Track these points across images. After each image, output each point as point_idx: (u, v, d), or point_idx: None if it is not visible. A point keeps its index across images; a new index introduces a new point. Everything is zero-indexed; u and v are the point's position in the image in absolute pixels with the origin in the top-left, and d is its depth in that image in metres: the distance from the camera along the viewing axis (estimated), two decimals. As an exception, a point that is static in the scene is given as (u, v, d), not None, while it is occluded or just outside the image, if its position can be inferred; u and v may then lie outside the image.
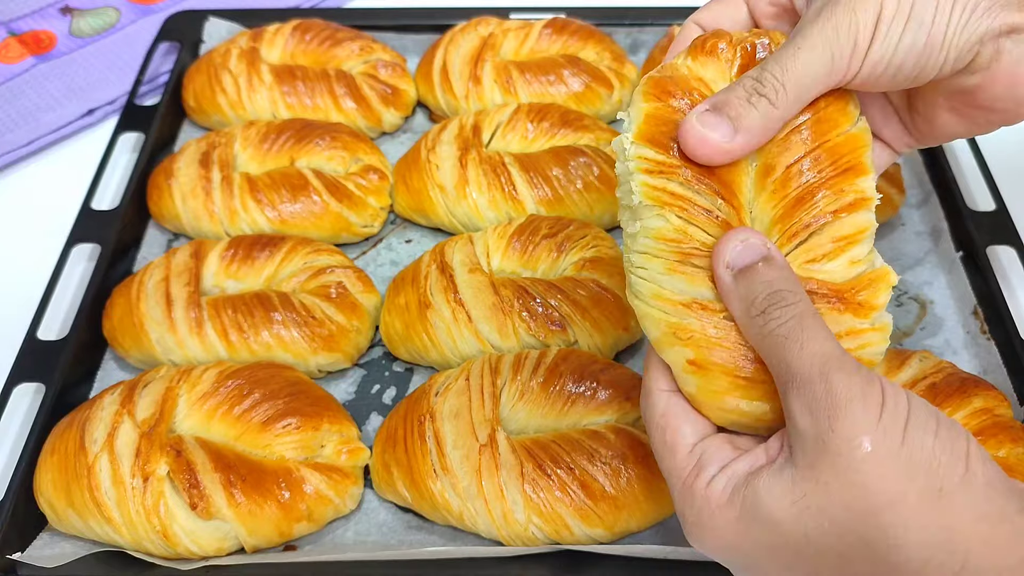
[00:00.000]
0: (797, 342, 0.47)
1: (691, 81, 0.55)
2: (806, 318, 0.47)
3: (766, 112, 0.51)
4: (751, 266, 0.49)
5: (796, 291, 0.49)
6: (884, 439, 0.43)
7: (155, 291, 0.83)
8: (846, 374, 0.45)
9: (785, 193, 0.53)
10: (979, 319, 0.86)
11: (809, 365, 0.46)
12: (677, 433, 0.52)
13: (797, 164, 0.53)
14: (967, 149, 0.98)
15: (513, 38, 1.08)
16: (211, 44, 1.14)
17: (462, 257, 0.85)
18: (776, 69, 0.52)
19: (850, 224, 0.52)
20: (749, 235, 0.50)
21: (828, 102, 0.54)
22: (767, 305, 0.48)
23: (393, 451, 0.74)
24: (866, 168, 0.53)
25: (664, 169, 0.52)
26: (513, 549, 0.70)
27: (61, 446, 0.73)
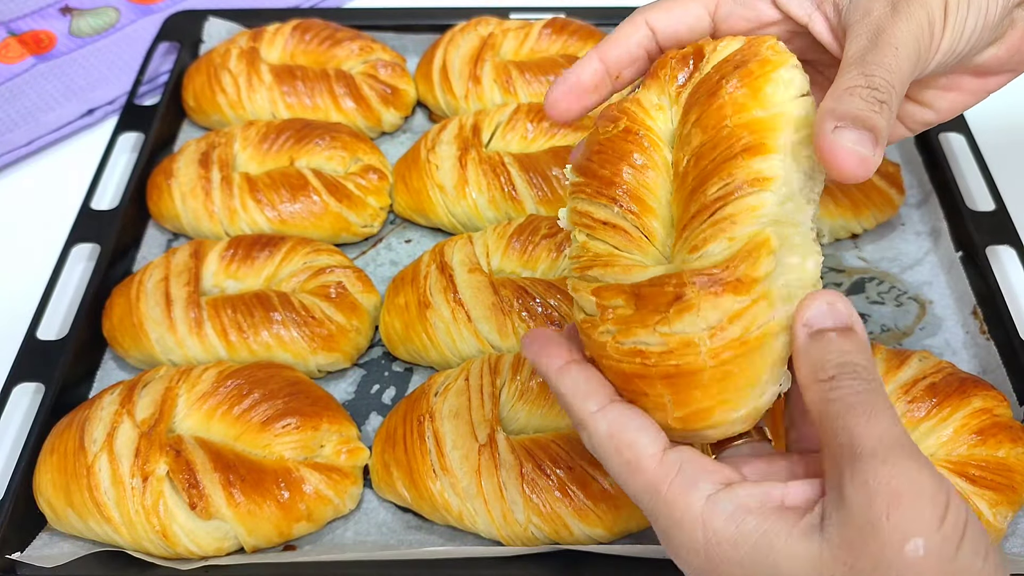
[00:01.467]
0: (865, 414, 0.43)
1: (625, 103, 0.54)
2: (878, 395, 0.44)
3: (888, 117, 0.48)
4: (829, 330, 0.46)
5: (871, 369, 0.45)
6: (940, 547, 0.40)
7: (155, 291, 0.84)
8: (917, 465, 0.41)
9: (684, 185, 0.50)
10: (979, 319, 0.86)
11: (878, 440, 0.42)
12: (635, 446, 0.48)
13: (694, 154, 0.50)
14: (966, 149, 0.98)
15: (513, 38, 1.08)
16: (211, 44, 1.14)
17: (462, 257, 0.85)
18: (885, 73, 0.48)
19: (737, 206, 0.47)
20: (837, 300, 0.46)
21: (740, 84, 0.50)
22: (838, 372, 0.44)
23: (392, 451, 0.74)
24: (768, 148, 0.48)
25: (575, 189, 0.54)
26: (512, 549, 0.70)
27: (60, 446, 0.73)
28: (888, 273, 0.92)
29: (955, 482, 0.68)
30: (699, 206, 0.48)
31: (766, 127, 0.48)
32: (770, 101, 0.49)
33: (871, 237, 0.95)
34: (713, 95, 0.50)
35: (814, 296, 0.47)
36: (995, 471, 0.69)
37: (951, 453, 0.71)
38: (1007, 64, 0.57)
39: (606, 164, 0.53)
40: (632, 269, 0.50)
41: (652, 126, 0.53)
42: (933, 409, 0.72)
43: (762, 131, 0.48)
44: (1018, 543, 0.72)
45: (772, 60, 0.50)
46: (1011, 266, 0.90)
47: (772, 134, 0.48)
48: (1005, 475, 0.69)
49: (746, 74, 0.50)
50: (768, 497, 0.45)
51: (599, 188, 0.52)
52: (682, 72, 0.53)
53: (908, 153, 1.02)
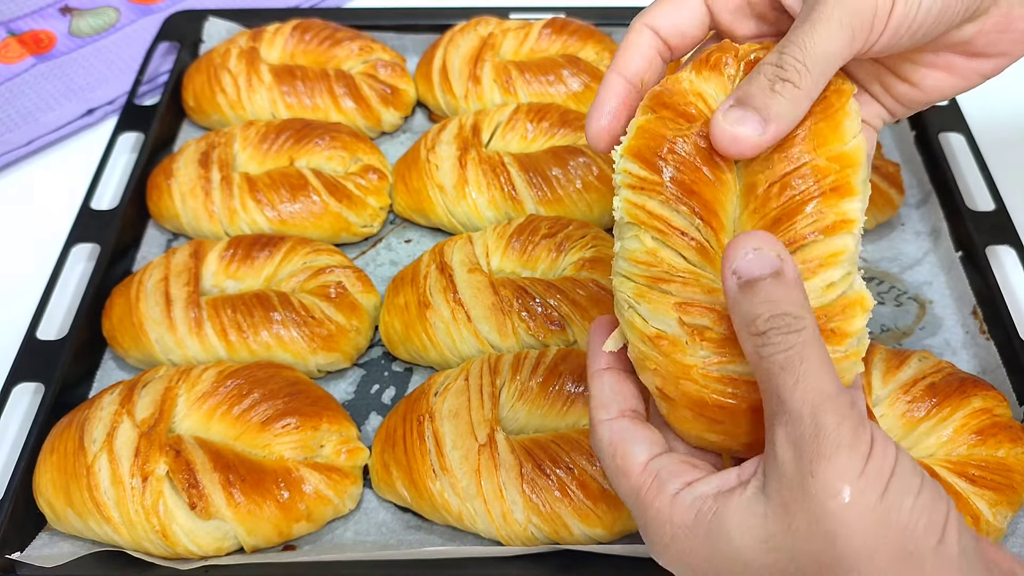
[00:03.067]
0: (793, 375, 0.44)
1: (689, 95, 0.53)
2: (807, 348, 0.44)
3: (793, 96, 0.49)
4: (759, 279, 0.45)
5: (802, 315, 0.45)
6: (864, 492, 0.41)
7: (154, 291, 0.84)
8: (838, 417, 0.42)
9: (765, 212, 0.50)
10: (978, 319, 0.86)
11: (801, 402, 0.43)
12: (628, 455, 0.51)
13: (779, 182, 0.50)
14: (966, 149, 0.98)
15: (513, 38, 1.08)
16: (211, 44, 1.14)
17: (461, 257, 0.85)
18: (795, 50, 0.49)
19: (826, 247, 0.49)
20: (763, 243, 0.46)
21: (820, 116, 0.51)
22: (768, 328, 0.45)
23: (392, 451, 0.74)
24: (853, 189, 0.50)
25: (645, 186, 0.50)
26: (512, 549, 0.70)
27: (60, 446, 0.73)
28: (888, 273, 0.92)
29: (955, 482, 0.68)
30: (787, 239, 0.49)
31: (849, 163, 0.50)
32: (847, 134, 0.51)
33: (871, 237, 0.95)
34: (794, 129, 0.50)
35: (741, 241, 0.47)
36: (995, 471, 0.69)
37: (951, 453, 0.71)
38: (996, 44, 0.55)
39: (683, 170, 0.50)
40: (715, 291, 0.49)
41: None
42: (933, 409, 0.72)
43: (845, 168, 0.50)
44: (1018, 543, 0.72)
45: (844, 89, 0.52)
46: (1011, 266, 0.90)
47: (854, 172, 0.50)
48: (1005, 475, 0.69)
49: (826, 107, 0.51)
50: (724, 481, 0.47)
51: (679, 194, 0.50)
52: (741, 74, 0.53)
53: (908, 153, 1.02)
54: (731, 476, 0.47)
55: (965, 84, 0.58)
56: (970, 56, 0.56)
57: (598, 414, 0.54)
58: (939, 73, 0.57)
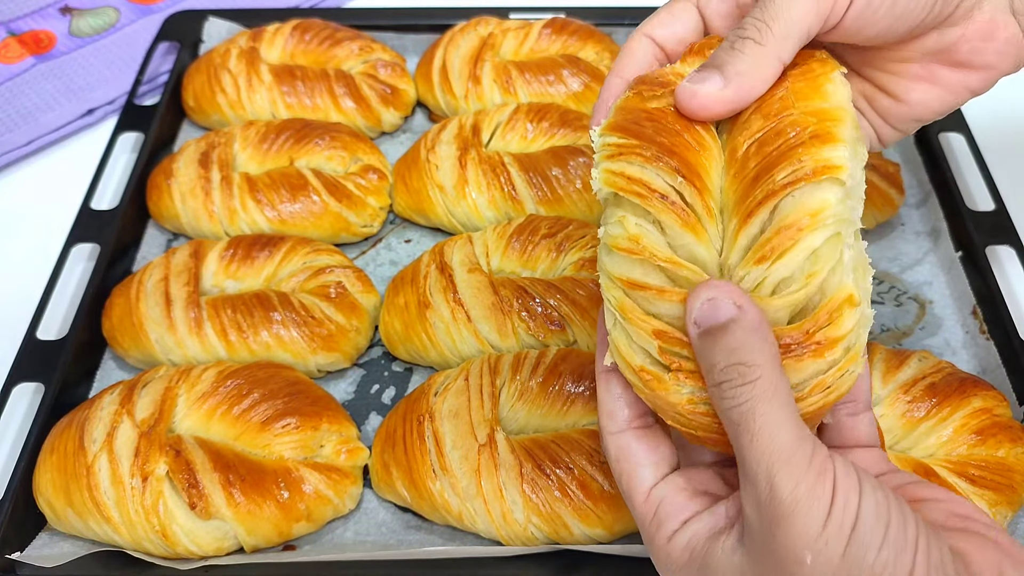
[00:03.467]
0: (748, 432, 0.44)
1: (669, 75, 0.53)
2: (760, 401, 0.44)
3: (753, 52, 0.49)
4: (714, 329, 0.45)
5: (757, 364, 0.44)
6: (823, 552, 0.42)
7: (154, 291, 0.84)
8: (793, 480, 0.42)
9: (745, 174, 0.47)
10: (978, 319, 0.86)
11: (756, 463, 0.43)
12: (633, 478, 0.52)
13: (756, 140, 0.48)
14: (966, 149, 0.98)
15: (513, 38, 1.08)
16: (211, 44, 1.14)
17: (461, 257, 0.85)
18: (757, 11, 0.50)
19: (806, 202, 0.45)
20: (717, 292, 0.45)
21: (800, 78, 0.50)
22: (723, 380, 0.45)
23: (392, 451, 0.74)
24: (835, 137, 0.46)
25: (624, 151, 0.48)
26: (512, 549, 0.70)
27: (60, 446, 0.73)
28: (888, 273, 0.92)
29: (955, 482, 0.68)
30: (765, 192, 0.46)
31: (832, 117, 0.47)
32: (832, 96, 0.49)
33: (871, 237, 0.95)
34: (774, 86, 0.50)
35: (698, 290, 0.46)
36: (995, 471, 0.69)
37: (951, 453, 0.71)
38: (981, 54, 0.55)
39: (662, 133, 0.49)
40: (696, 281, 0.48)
41: None
42: (933, 409, 0.72)
43: (828, 120, 0.47)
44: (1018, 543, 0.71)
45: (827, 60, 0.51)
46: (1011, 266, 0.90)
47: (838, 124, 0.47)
48: (1005, 475, 0.69)
49: (806, 71, 0.50)
50: (716, 520, 0.49)
51: (658, 153, 0.48)
52: None
53: (908, 153, 1.02)
54: (721, 516, 0.49)
55: (952, 99, 0.57)
56: (955, 67, 0.55)
57: (604, 423, 0.54)
58: (924, 85, 0.57)
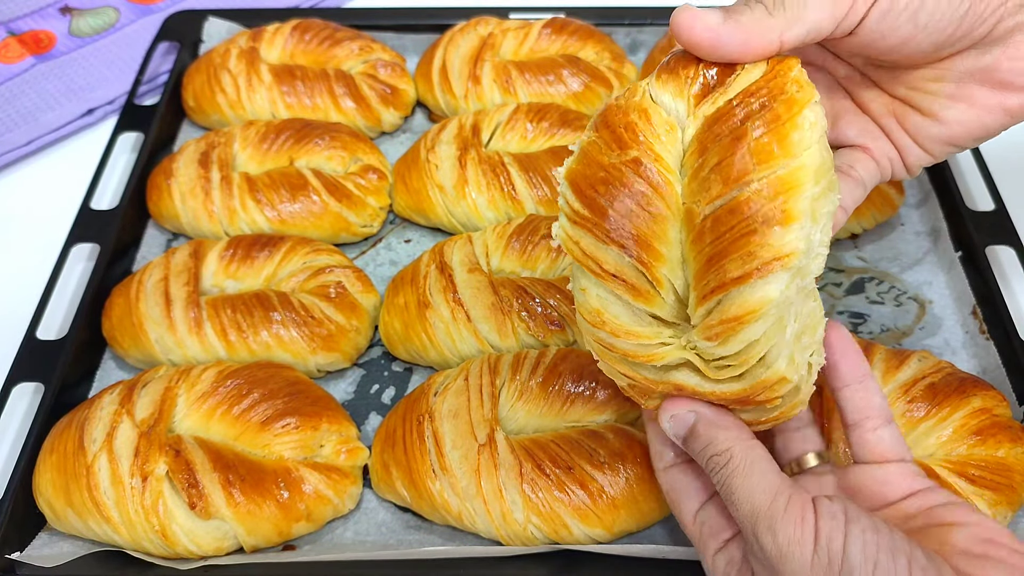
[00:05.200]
0: (733, 505, 0.52)
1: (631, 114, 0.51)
2: (735, 476, 0.52)
3: (760, 16, 0.49)
4: (687, 435, 0.55)
5: (726, 450, 0.53)
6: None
7: (154, 291, 0.84)
8: (772, 529, 0.49)
9: (701, 248, 0.49)
10: (978, 319, 0.86)
11: (743, 525, 0.52)
12: (681, 507, 0.60)
13: (711, 216, 0.48)
14: (966, 149, 0.98)
15: (512, 38, 1.08)
16: (210, 44, 1.14)
17: (461, 257, 0.85)
18: None
19: (751, 294, 0.47)
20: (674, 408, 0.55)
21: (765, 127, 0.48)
22: (709, 470, 0.54)
23: (392, 451, 0.74)
24: (790, 216, 0.46)
25: (578, 220, 0.51)
26: (512, 549, 0.70)
27: (60, 446, 0.73)
28: (888, 273, 0.92)
29: (955, 482, 0.68)
30: (718, 281, 0.48)
31: (791, 184, 0.47)
32: (795, 148, 0.48)
33: (871, 237, 0.95)
34: (737, 140, 0.48)
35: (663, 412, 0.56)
36: (994, 471, 0.69)
37: (950, 453, 0.71)
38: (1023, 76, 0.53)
39: (614, 200, 0.50)
40: (654, 356, 0.53)
41: (662, 154, 0.50)
42: (932, 409, 0.72)
43: (787, 191, 0.47)
44: (1017, 543, 0.72)
45: (797, 99, 0.48)
46: (1010, 266, 0.90)
47: (795, 195, 0.47)
48: (1004, 475, 0.69)
49: (773, 119, 0.48)
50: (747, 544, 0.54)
51: (608, 232, 0.50)
52: (704, 77, 0.51)
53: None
54: None
55: (990, 120, 0.56)
56: (994, 87, 0.54)
57: (654, 462, 0.63)
58: (960, 105, 0.56)
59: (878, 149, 0.60)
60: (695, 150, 0.50)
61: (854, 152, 0.61)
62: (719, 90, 0.50)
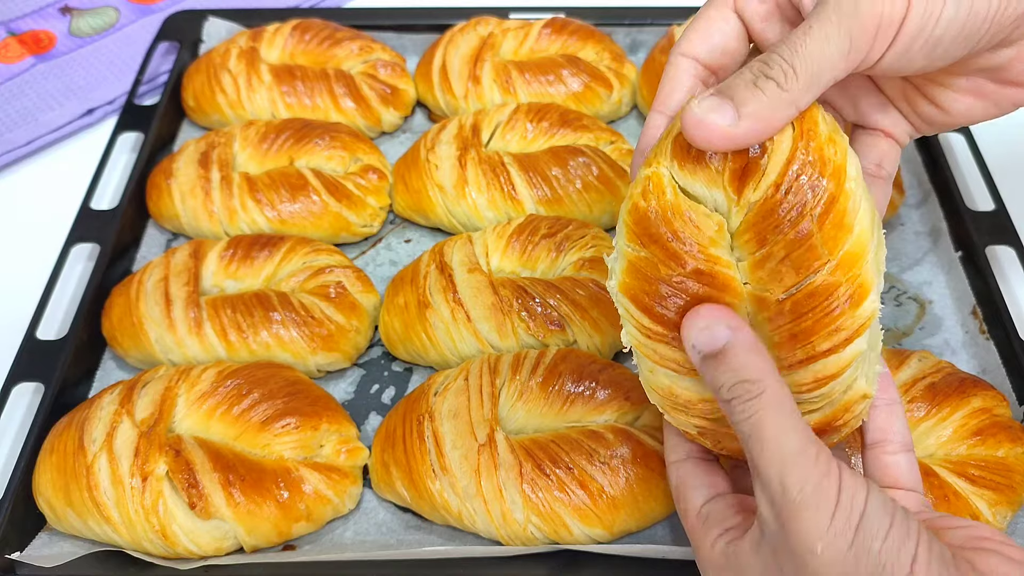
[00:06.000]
0: (758, 442, 0.48)
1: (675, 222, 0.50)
2: (767, 412, 0.48)
3: (774, 96, 0.46)
4: (716, 352, 0.49)
5: (760, 380, 0.48)
6: (833, 544, 0.46)
7: (154, 291, 0.84)
8: (801, 476, 0.46)
9: (779, 326, 0.51)
10: (978, 319, 0.86)
11: (768, 467, 0.47)
12: (687, 499, 0.58)
13: (790, 300, 0.49)
14: (966, 149, 0.98)
15: (512, 38, 1.08)
16: (210, 44, 1.14)
17: (461, 257, 0.85)
18: (784, 50, 0.47)
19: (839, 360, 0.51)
20: (711, 320, 0.49)
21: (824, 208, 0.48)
22: (731, 396, 0.49)
23: (392, 451, 0.74)
24: (866, 288, 0.49)
25: (652, 336, 0.54)
26: (512, 549, 0.70)
27: (60, 446, 0.73)
28: (888, 273, 0.91)
29: (955, 482, 0.68)
30: (806, 355, 0.51)
31: (856, 258, 0.49)
32: (854, 220, 0.48)
33: (871, 237, 0.95)
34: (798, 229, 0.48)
35: (690, 320, 0.50)
36: (994, 471, 0.69)
37: (950, 453, 0.71)
38: None
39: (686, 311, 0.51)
40: None
41: (719, 255, 0.50)
42: (932, 409, 0.72)
43: (855, 265, 0.49)
44: (1018, 543, 0.71)
45: (837, 163, 0.48)
46: (1010, 266, 0.90)
47: (863, 264, 0.49)
48: (1004, 475, 0.69)
49: (828, 201, 0.48)
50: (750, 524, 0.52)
51: None
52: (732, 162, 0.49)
53: (908, 153, 1.02)
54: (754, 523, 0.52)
55: (996, 111, 0.56)
56: (1003, 83, 0.54)
57: (668, 456, 0.61)
58: (969, 98, 0.55)
59: (898, 131, 0.59)
60: (752, 239, 0.49)
61: (877, 143, 0.59)
62: (756, 174, 0.48)
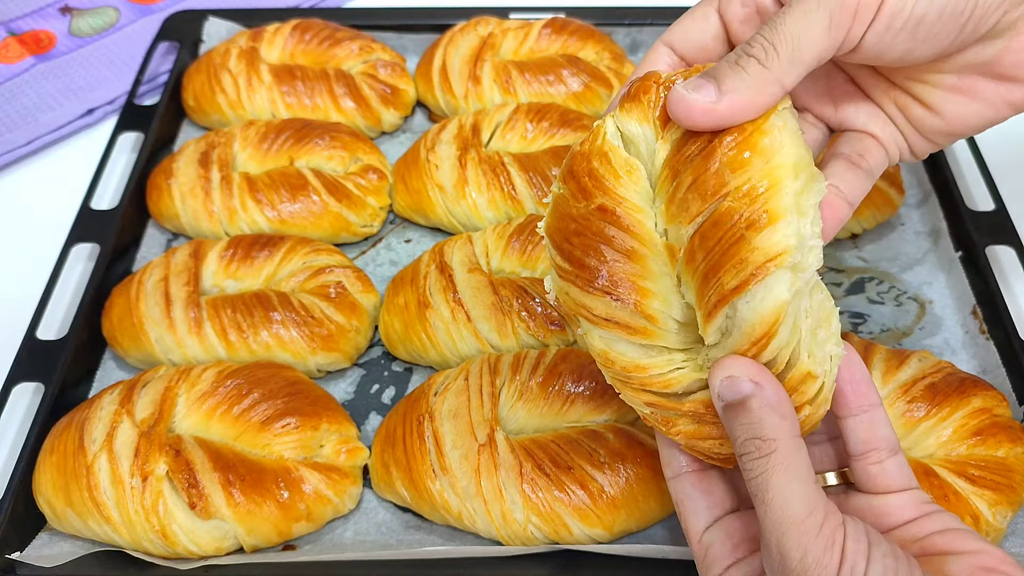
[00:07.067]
0: (763, 503, 0.47)
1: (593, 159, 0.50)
2: (774, 473, 0.47)
3: (756, 73, 0.47)
4: (736, 403, 0.48)
5: (773, 439, 0.48)
6: None
7: (154, 291, 0.84)
8: (801, 545, 0.46)
9: (694, 267, 0.49)
10: (978, 319, 0.86)
11: (769, 532, 0.47)
12: (688, 522, 0.57)
13: (698, 232, 0.48)
14: (966, 149, 0.98)
15: (512, 38, 1.08)
16: (211, 44, 1.14)
17: (461, 257, 0.85)
18: (766, 30, 0.48)
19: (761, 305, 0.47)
20: (735, 369, 0.48)
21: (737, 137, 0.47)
22: (743, 452, 0.49)
23: (392, 451, 0.74)
24: (773, 216, 0.46)
25: (563, 274, 0.52)
26: (512, 549, 0.70)
27: (60, 446, 0.73)
28: (888, 273, 0.92)
29: (954, 482, 0.68)
30: (718, 296, 0.48)
31: (769, 186, 0.46)
32: (767, 152, 0.47)
33: (871, 237, 0.95)
34: (708, 156, 0.48)
35: (718, 367, 0.49)
36: (994, 471, 0.69)
37: (950, 453, 0.71)
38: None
39: (590, 251, 0.51)
40: (670, 383, 0.52)
41: (626, 195, 0.50)
42: (932, 409, 0.72)
43: (766, 193, 0.46)
44: (1018, 543, 0.72)
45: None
46: (1011, 266, 0.90)
47: (776, 194, 0.46)
48: (1004, 475, 0.69)
49: (739, 131, 0.48)
50: (752, 571, 0.53)
51: (590, 280, 0.51)
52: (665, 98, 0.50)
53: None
54: (756, 568, 0.53)
55: (992, 114, 0.55)
56: (997, 79, 0.53)
57: (665, 471, 0.59)
58: (961, 98, 0.55)
59: (886, 136, 0.58)
60: (667, 175, 0.50)
61: (863, 139, 0.59)
62: None
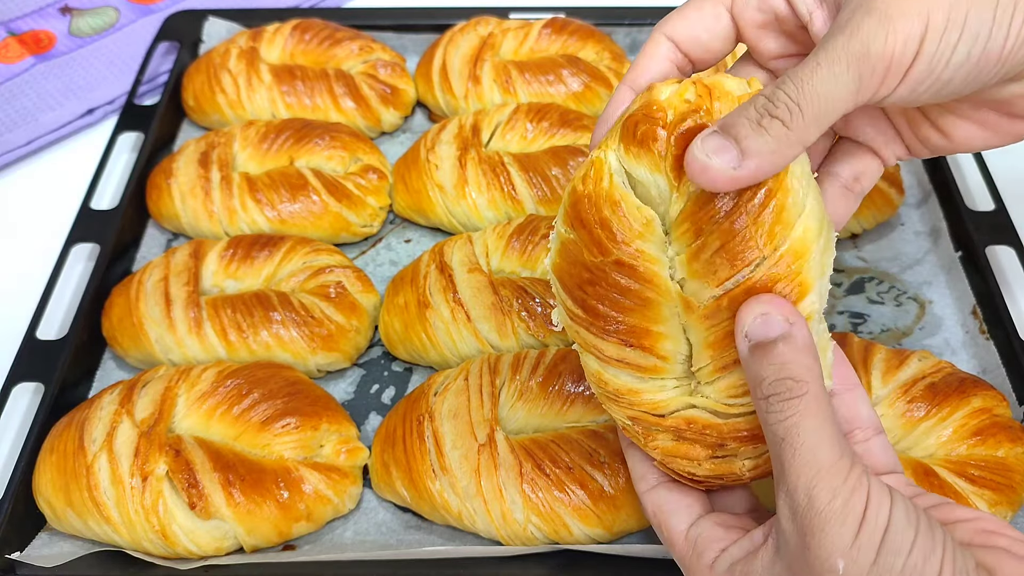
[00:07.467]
0: (791, 447, 0.46)
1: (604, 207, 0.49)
2: (806, 417, 0.46)
3: (779, 135, 0.45)
4: (766, 343, 0.47)
5: (804, 379, 0.46)
6: (856, 561, 0.44)
7: (154, 291, 0.84)
8: (830, 492, 0.44)
9: (716, 323, 0.49)
10: (978, 319, 0.86)
11: (797, 476, 0.45)
12: (669, 526, 0.56)
13: (726, 295, 0.48)
14: (966, 149, 0.98)
15: (512, 38, 1.08)
16: (210, 44, 1.14)
17: (461, 257, 0.85)
18: (791, 87, 0.46)
19: None
20: (770, 307, 0.47)
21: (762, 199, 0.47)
22: (771, 393, 0.47)
23: (392, 451, 0.74)
24: (805, 288, 0.48)
25: (574, 319, 0.53)
26: (512, 549, 0.70)
27: (60, 446, 0.73)
28: (888, 273, 0.92)
29: (954, 482, 0.68)
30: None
31: (797, 256, 0.47)
32: (791, 213, 0.47)
33: (871, 237, 0.95)
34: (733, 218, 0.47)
35: (750, 305, 0.48)
36: (994, 471, 0.69)
37: (950, 453, 0.71)
38: None
39: (605, 301, 0.51)
40: (659, 405, 0.53)
41: (644, 248, 0.50)
42: (932, 409, 0.72)
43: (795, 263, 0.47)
44: (1017, 543, 0.72)
45: None
46: (1010, 266, 0.90)
47: (804, 264, 0.48)
48: (1004, 475, 0.69)
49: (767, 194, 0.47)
50: (752, 543, 0.51)
51: (604, 328, 0.52)
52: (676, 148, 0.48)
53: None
54: (758, 536, 0.51)
55: (997, 141, 0.55)
56: (1010, 116, 0.53)
57: (638, 486, 0.59)
58: (972, 126, 0.55)
59: (888, 151, 0.58)
60: (690, 229, 0.48)
61: (863, 157, 0.58)
62: None
